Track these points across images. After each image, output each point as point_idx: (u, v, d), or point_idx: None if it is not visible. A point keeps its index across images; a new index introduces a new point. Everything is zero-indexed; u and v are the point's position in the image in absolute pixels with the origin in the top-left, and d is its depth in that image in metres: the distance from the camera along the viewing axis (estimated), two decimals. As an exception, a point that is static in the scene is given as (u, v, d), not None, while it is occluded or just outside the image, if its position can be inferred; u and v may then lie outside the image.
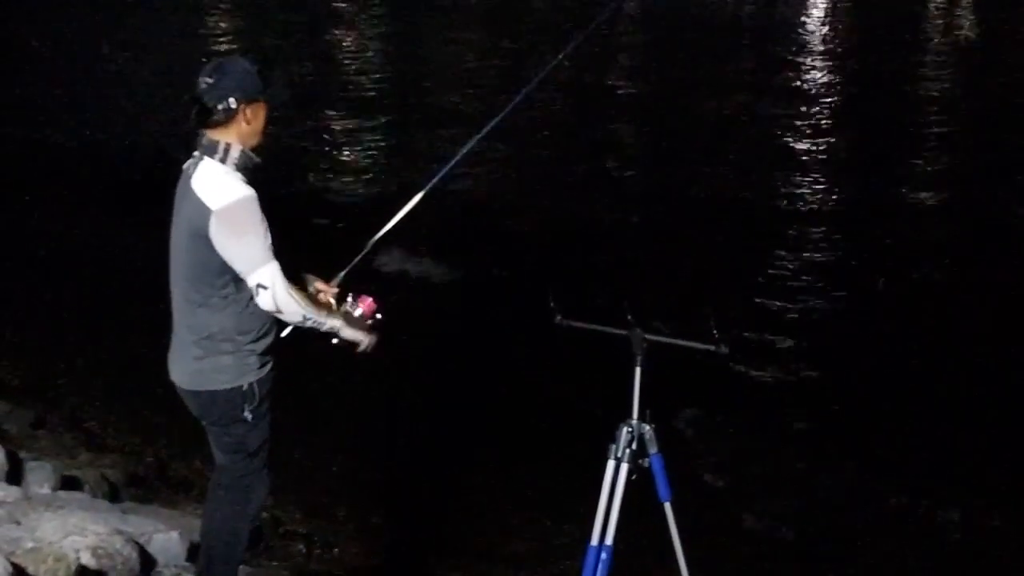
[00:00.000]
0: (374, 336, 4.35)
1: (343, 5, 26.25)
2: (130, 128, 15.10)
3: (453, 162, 4.73)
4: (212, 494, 4.60)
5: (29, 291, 9.78)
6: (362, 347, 4.35)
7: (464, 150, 4.76)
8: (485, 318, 9.32)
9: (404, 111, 17.16)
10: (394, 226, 4.66)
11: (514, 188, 13.00)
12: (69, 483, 5.89)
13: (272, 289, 4.02)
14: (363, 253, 4.62)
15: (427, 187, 4.63)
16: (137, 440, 7.35)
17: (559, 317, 4.38)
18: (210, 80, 4.09)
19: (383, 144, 15.12)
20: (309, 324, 4.19)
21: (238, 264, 4.05)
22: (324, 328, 4.23)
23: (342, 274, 4.52)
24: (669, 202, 12.51)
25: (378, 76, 19.35)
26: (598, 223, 11.88)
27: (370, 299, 4.36)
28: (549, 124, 16.01)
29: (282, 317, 4.15)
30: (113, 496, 6.12)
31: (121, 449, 7.14)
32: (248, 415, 4.29)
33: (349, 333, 4.29)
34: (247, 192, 4.05)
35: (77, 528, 4.87)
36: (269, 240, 4.06)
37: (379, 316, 4.36)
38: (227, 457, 4.45)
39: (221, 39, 22.28)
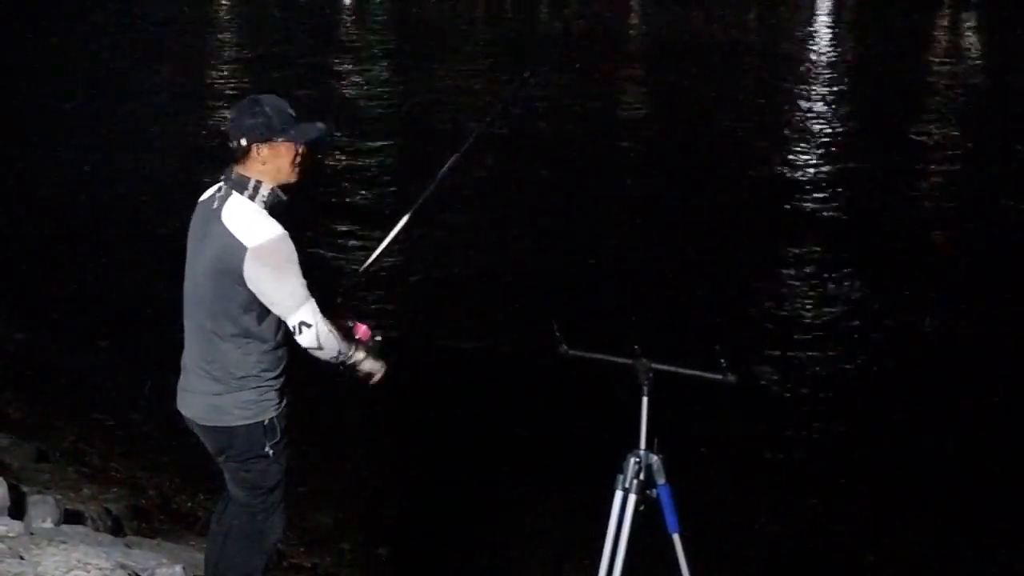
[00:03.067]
0: (384, 364, 4.35)
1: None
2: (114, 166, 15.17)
3: (429, 190, 4.67)
4: (221, 528, 4.55)
5: (31, 324, 9.78)
6: (376, 378, 4.35)
7: (437, 179, 4.71)
8: (489, 349, 9.29)
9: (405, 136, 17.26)
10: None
11: (516, 215, 12.98)
12: (72, 517, 5.86)
13: (316, 327, 4.03)
14: (356, 280, 4.67)
15: (408, 213, 4.61)
16: (140, 473, 7.32)
17: (564, 347, 4.35)
18: (231, 116, 4.13)
19: (384, 167, 15.16)
20: (340, 359, 4.19)
21: (278, 304, 4.04)
22: (350, 362, 4.25)
23: (338, 301, 4.49)
24: (675, 230, 12.49)
25: (380, 101, 19.47)
26: (603, 251, 11.86)
27: (364, 327, 4.40)
28: (553, 150, 16.05)
29: (319, 354, 4.13)
30: (116, 530, 6.09)
31: (124, 483, 7.10)
32: (269, 451, 4.26)
33: (369, 364, 4.31)
34: (280, 231, 4.04)
35: (80, 563, 4.83)
36: (304, 279, 4.05)
37: (378, 339, 4.38)
38: (245, 493, 4.40)
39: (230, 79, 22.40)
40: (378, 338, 4.38)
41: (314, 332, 4.03)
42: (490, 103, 17.27)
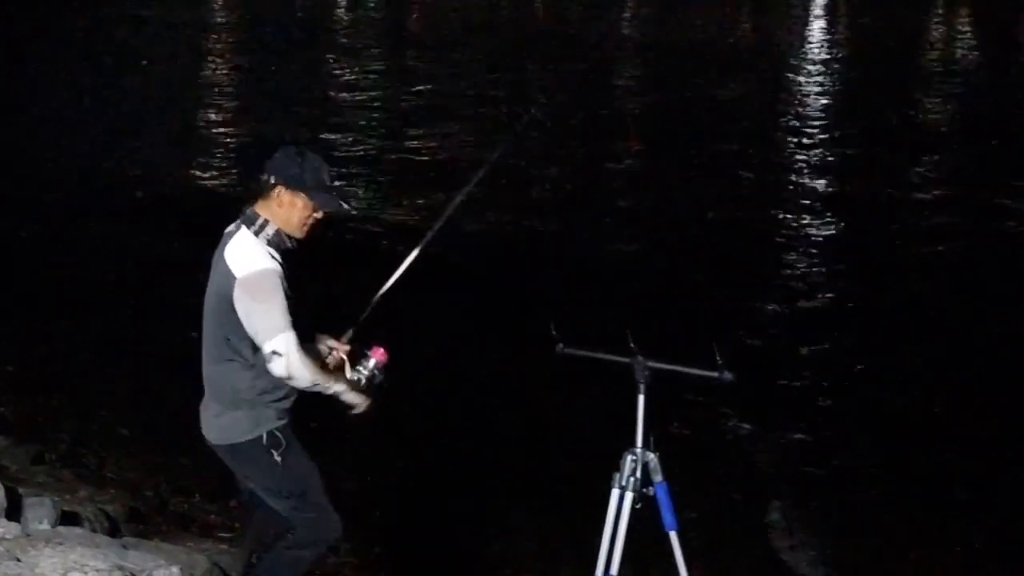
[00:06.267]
0: (369, 401, 4.55)
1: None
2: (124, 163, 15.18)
3: (446, 215, 4.90)
4: (259, 529, 4.77)
5: (27, 325, 9.76)
6: (357, 410, 4.54)
7: (456, 202, 4.96)
8: (486, 348, 9.29)
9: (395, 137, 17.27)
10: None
11: (514, 214, 12.98)
12: (69, 519, 5.85)
13: (286, 357, 4.21)
14: (368, 311, 4.78)
15: (423, 241, 4.85)
16: (137, 475, 7.31)
17: (561, 346, 4.37)
18: (274, 155, 4.40)
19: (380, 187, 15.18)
20: (316, 389, 4.37)
21: (256, 331, 4.24)
22: (329, 392, 4.42)
23: (351, 331, 4.69)
24: (671, 229, 12.50)
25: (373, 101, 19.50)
26: (599, 250, 11.86)
27: (381, 349, 4.59)
28: (551, 150, 16.04)
29: (292, 383, 4.31)
30: (113, 531, 6.08)
31: (121, 484, 7.10)
32: (278, 458, 4.43)
33: (350, 397, 4.49)
34: (271, 265, 4.28)
35: (77, 564, 4.84)
36: (287, 313, 4.24)
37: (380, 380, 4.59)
38: (279, 503, 4.57)
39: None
40: (380, 379, 4.57)
41: (284, 362, 4.21)
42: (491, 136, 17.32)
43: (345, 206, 4.53)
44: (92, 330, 9.70)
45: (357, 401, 4.50)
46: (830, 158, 15.69)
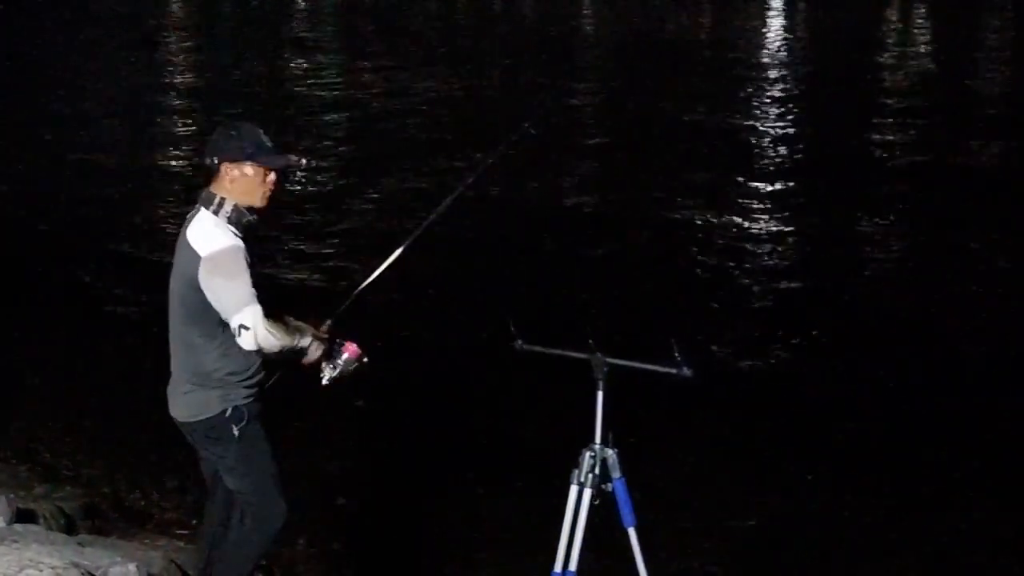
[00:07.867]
0: (323, 347, 4.61)
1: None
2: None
3: (431, 219, 5.08)
4: (218, 521, 4.78)
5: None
6: (310, 357, 4.58)
7: (440, 208, 5.12)
8: (445, 345, 9.29)
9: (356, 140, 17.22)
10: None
11: (472, 213, 12.97)
12: (24, 516, 5.82)
13: (253, 330, 4.30)
14: (346, 304, 4.88)
15: (406, 243, 5.03)
16: (93, 472, 7.28)
17: (519, 342, 4.39)
18: (210, 138, 4.53)
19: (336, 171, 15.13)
20: (287, 352, 4.47)
21: (222, 306, 4.33)
22: (299, 348, 4.52)
23: (328, 322, 4.76)
24: (630, 225, 12.54)
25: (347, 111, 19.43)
26: (557, 247, 11.88)
27: (354, 345, 4.67)
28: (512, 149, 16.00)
29: (263, 352, 4.42)
30: (69, 529, 6.06)
31: (77, 481, 7.07)
32: (236, 432, 4.51)
33: (314, 347, 4.57)
34: (234, 242, 4.36)
35: (32, 562, 4.80)
36: (252, 287, 4.33)
37: (364, 359, 4.69)
38: (234, 480, 4.65)
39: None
40: (364, 359, 4.67)
41: (252, 335, 4.30)
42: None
43: (293, 158, 4.67)
44: (48, 327, 9.63)
45: (318, 353, 4.57)
46: (786, 171, 15.77)
